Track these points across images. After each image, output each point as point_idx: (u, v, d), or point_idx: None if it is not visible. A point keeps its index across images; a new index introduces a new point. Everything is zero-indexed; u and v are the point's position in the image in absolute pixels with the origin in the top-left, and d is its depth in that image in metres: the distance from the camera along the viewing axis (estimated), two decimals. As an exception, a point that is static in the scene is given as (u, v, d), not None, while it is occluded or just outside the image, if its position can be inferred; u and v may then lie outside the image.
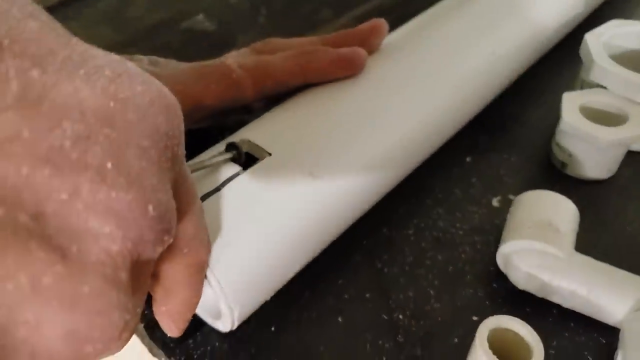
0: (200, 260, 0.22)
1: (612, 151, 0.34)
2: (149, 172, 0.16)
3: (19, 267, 0.13)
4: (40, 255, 0.13)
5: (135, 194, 0.15)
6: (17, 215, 0.13)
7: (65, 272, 0.14)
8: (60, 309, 0.14)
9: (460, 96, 0.35)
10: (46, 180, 0.14)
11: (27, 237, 0.13)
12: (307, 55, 0.32)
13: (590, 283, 0.27)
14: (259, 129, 0.29)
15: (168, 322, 0.23)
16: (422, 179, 0.35)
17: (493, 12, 0.39)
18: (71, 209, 0.14)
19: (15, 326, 0.13)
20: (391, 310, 0.29)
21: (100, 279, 0.15)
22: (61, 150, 0.14)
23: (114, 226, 0.15)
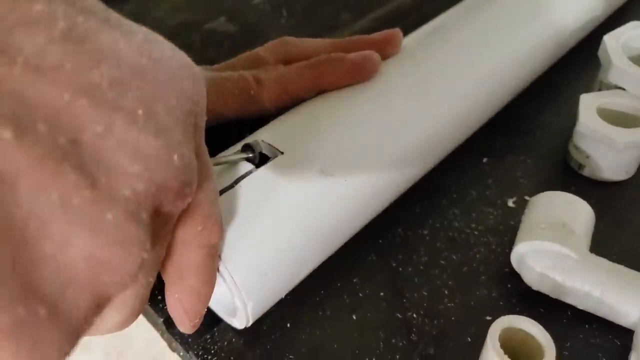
0: (212, 242, 0.22)
1: (630, 153, 0.33)
2: (174, 128, 0.17)
3: (52, 183, 0.14)
4: (72, 177, 0.14)
5: (163, 141, 0.16)
6: (56, 135, 0.14)
7: (92, 198, 0.15)
8: (85, 231, 0.14)
9: (477, 97, 0.35)
10: (84, 111, 0.15)
11: (63, 157, 0.14)
12: (321, 66, 0.33)
13: (604, 284, 0.27)
14: (274, 129, 0.30)
15: (180, 313, 0.23)
16: (438, 179, 0.35)
17: (510, 14, 0.39)
18: (104, 143, 0.15)
19: (43, 240, 0.14)
20: (405, 309, 0.29)
21: (123, 212, 0.15)
22: (98, 87, 0.15)
23: (142, 167, 0.16)
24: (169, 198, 0.17)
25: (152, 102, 0.16)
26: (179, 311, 0.23)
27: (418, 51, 0.36)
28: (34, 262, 0.14)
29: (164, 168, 0.17)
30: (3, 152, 0.13)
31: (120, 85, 0.16)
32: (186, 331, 0.24)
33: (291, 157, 0.28)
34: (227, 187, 0.26)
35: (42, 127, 0.14)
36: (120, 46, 0.16)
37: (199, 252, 0.22)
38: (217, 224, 0.22)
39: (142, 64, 0.17)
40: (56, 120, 0.14)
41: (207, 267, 0.22)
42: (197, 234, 0.21)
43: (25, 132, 0.13)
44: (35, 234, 0.14)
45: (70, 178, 0.14)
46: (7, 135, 0.13)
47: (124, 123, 0.15)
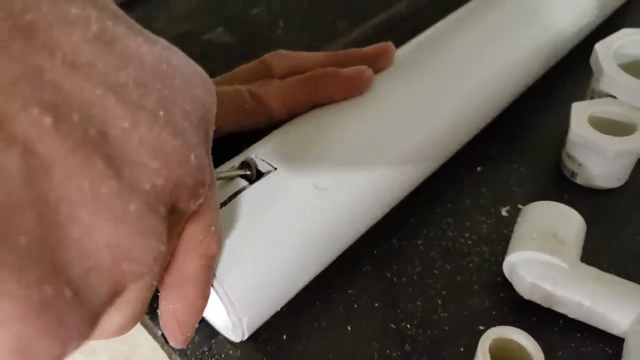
0: (211, 253, 0.22)
1: (621, 161, 0.34)
2: (190, 131, 0.18)
3: (83, 171, 0.15)
4: (101, 166, 0.15)
5: (180, 141, 0.17)
6: (88, 127, 0.15)
7: (118, 189, 0.15)
8: (110, 219, 0.15)
9: (470, 107, 0.36)
10: (113, 107, 0.16)
11: (93, 148, 0.15)
12: (315, 81, 0.33)
13: (594, 294, 0.27)
14: (267, 145, 0.30)
15: (173, 326, 0.23)
16: (433, 188, 0.36)
17: (504, 23, 0.40)
18: (129, 139, 0.16)
19: (72, 225, 0.15)
20: (399, 320, 0.29)
21: (144, 204, 0.16)
22: (125, 87, 0.16)
23: (161, 163, 0.17)
24: (184, 196, 0.18)
25: (170, 105, 0.18)
26: (172, 324, 0.24)
27: (411, 63, 0.36)
28: (62, 246, 0.14)
29: (182, 166, 0.18)
30: (43, 137, 0.14)
31: (144, 87, 0.17)
32: (177, 345, 0.25)
33: (285, 172, 0.29)
34: (222, 204, 0.27)
35: (76, 118, 0.15)
36: (143, 51, 0.17)
37: (198, 261, 0.22)
38: (217, 236, 0.23)
39: (162, 69, 0.18)
40: (88, 112, 0.15)
41: (204, 278, 0.23)
42: (198, 243, 0.22)
43: (62, 120, 0.14)
44: (65, 218, 0.14)
45: (99, 168, 0.15)
46: (48, 122, 0.14)
47: (147, 122, 0.16)
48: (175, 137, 0.17)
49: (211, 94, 0.20)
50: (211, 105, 0.20)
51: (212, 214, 0.22)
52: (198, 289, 0.23)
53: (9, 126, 0.14)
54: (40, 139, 0.14)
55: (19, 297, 0.13)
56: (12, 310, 0.13)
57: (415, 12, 0.53)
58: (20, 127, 0.14)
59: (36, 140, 0.14)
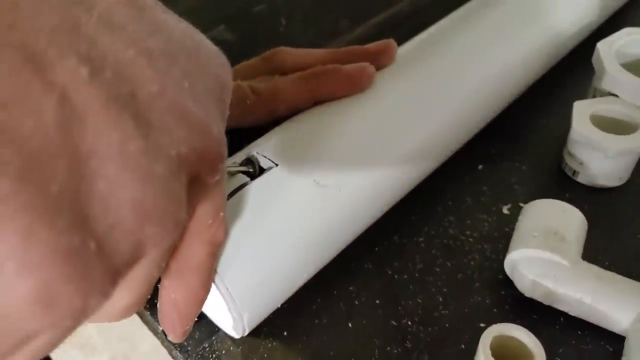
0: (218, 240, 0.22)
1: (623, 159, 0.34)
2: (211, 106, 0.18)
3: (114, 126, 0.15)
4: (130, 124, 0.15)
5: (205, 114, 0.18)
6: (120, 85, 0.15)
7: (145, 148, 0.16)
8: (136, 178, 0.15)
9: (472, 105, 0.36)
10: (143, 70, 0.16)
11: (123, 106, 0.15)
12: (316, 78, 0.33)
13: (595, 292, 0.27)
14: (268, 141, 0.30)
15: (173, 317, 0.23)
16: (434, 186, 0.36)
17: (506, 21, 0.40)
18: (157, 103, 0.16)
19: (99, 178, 0.15)
20: (400, 317, 0.29)
21: (168, 169, 0.16)
22: (153, 53, 0.16)
23: (186, 132, 0.17)
24: (205, 168, 0.18)
25: (194, 79, 0.18)
26: (173, 315, 0.24)
27: (413, 60, 0.36)
28: (89, 198, 0.14)
29: (205, 137, 0.18)
30: (79, 88, 0.14)
31: (171, 57, 0.17)
32: (176, 339, 0.25)
33: (286, 169, 0.29)
34: None
35: (109, 74, 0.15)
36: (171, 23, 0.18)
37: (204, 248, 0.22)
38: (224, 223, 0.23)
39: (187, 44, 0.18)
40: (120, 71, 0.15)
41: (208, 268, 0.23)
42: (206, 228, 0.21)
43: (97, 74, 0.15)
44: (93, 170, 0.14)
45: (128, 126, 0.15)
46: (84, 73, 0.14)
47: (174, 89, 0.17)
48: (199, 109, 0.18)
49: (229, 76, 0.20)
50: (229, 87, 0.20)
51: (222, 199, 0.22)
52: (201, 278, 0.23)
53: (50, 72, 0.14)
54: (77, 89, 0.14)
55: (49, 243, 0.13)
56: (41, 255, 0.13)
57: (418, 11, 0.53)
58: (59, 74, 0.14)
59: (73, 90, 0.14)
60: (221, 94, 0.19)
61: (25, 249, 0.13)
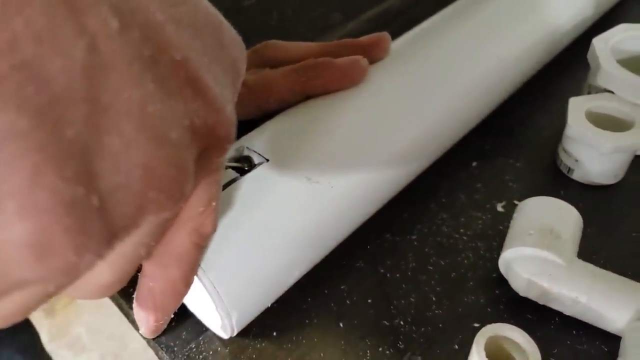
0: (205, 231, 0.22)
1: (618, 157, 0.33)
2: (226, 87, 0.18)
3: (136, 85, 0.15)
4: (150, 86, 0.15)
5: (220, 92, 0.18)
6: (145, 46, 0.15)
7: (162, 112, 0.15)
8: (150, 141, 0.15)
9: (466, 102, 0.35)
10: (169, 35, 0.16)
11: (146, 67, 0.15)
12: (308, 71, 0.32)
13: (591, 291, 0.27)
14: (259, 136, 0.30)
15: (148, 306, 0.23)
16: (427, 183, 0.35)
17: (500, 17, 0.39)
18: (177, 72, 0.16)
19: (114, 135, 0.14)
20: (392, 316, 0.29)
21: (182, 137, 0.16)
22: (180, 22, 0.16)
23: (201, 105, 0.17)
24: (213, 145, 0.18)
25: (214, 56, 0.18)
26: (147, 304, 0.23)
27: (407, 55, 0.35)
28: (101, 152, 0.14)
29: (218, 114, 0.17)
30: (108, 38, 0.14)
31: (195, 30, 0.17)
32: (147, 333, 0.24)
33: (277, 164, 0.28)
34: None
35: (136, 33, 0.15)
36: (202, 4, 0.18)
37: (190, 236, 0.21)
38: (215, 215, 0.22)
39: (212, 21, 0.18)
40: (148, 32, 0.15)
41: (191, 258, 0.22)
42: (196, 215, 0.21)
43: (126, 29, 0.14)
44: (110, 124, 0.14)
45: (149, 87, 0.15)
46: (115, 25, 0.14)
47: (195, 61, 0.17)
48: (215, 87, 0.17)
49: (244, 63, 0.20)
50: (242, 74, 0.20)
51: (217, 189, 0.21)
52: (182, 270, 0.22)
53: (82, 17, 0.13)
54: (106, 39, 0.14)
55: (53, 189, 0.13)
56: (44, 200, 0.13)
57: (411, 5, 0.53)
58: (91, 20, 0.13)
59: (102, 39, 0.14)
60: (235, 79, 0.19)
61: (29, 191, 0.13)
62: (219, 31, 0.18)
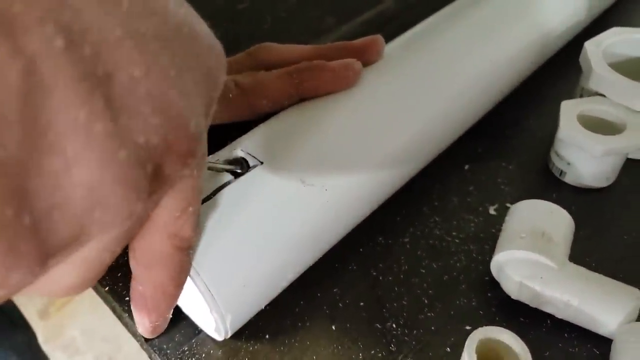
0: (184, 234, 0.21)
1: (610, 160, 0.33)
2: (197, 99, 0.18)
3: (82, 104, 0.14)
4: (100, 105, 0.15)
5: (185, 106, 0.17)
6: (96, 63, 0.15)
7: (112, 131, 0.15)
8: (96, 160, 0.15)
9: (458, 105, 0.35)
10: (128, 51, 0.15)
11: (97, 85, 0.15)
12: (302, 73, 0.32)
13: (582, 294, 0.27)
14: (253, 138, 0.30)
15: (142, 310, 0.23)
16: (420, 186, 0.35)
17: (493, 20, 0.39)
18: (135, 87, 0.16)
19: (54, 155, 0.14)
20: (385, 319, 0.29)
21: (133, 155, 0.16)
22: (144, 36, 0.16)
23: (161, 121, 0.16)
24: (172, 161, 0.18)
25: (183, 67, 0.17)
26: (141, 308, 0.23)
27: (400, 58, 0.35)
28: (37, 173, 0.14)
29: (180, 130, 0.17)
30: (51, 58, 0.14)
31: (162, 42, 0.16)
32: (146, 334, 0.24)
33: (271, 167, 0.28)
34: (206, 198, 0.26)
35: (87, 51, 0.14)
36: (170, 8, 0.17)
37: (169, 240, 0.21)
38: (193, 218, 0.22)
39: (183, 32, 0.17)
40: (101, 49, 0.15)
41: (175, 262, 0.22)
42: (172, 220, 0.21)
43: (74, 48, 0.14)
44: (49, 145, 0.14)
45: (98, 105, 0.15)
46: (59, 44, 0.14)
47: (157, 76, 0.16)
48: (181, 100, 0.17)
49: (222, 72, 0.20)
50: (219, 83, 0.20)
51: (194, 194, 0.21)
52: (168, 272, 0.22)
53: (20, 38, 0.13)
54: (47, 59, 0.14)
55: None
56: None
57: (404, 9, 0.53)
58: (31, 41, 0.13)
59: (43, 59, 0.13)
60: (210, 89, 0.19)
61: None
62: (193, 40, 0.18)
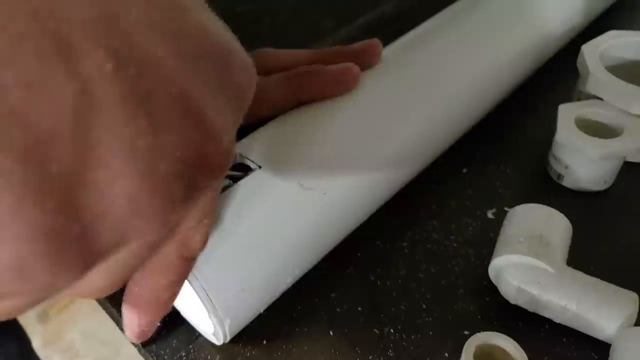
0: (193, 245, 0.22)
1: (607, 163, 0.33)
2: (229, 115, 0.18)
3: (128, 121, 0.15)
4: (143, 121, 0.15)
5: (221, 121, 0.18)
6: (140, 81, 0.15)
7: (153, 146, 0.16)
8: (138, 173, 0.15)
9: (456, 108, 0.35)
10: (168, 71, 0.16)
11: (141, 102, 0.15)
12: (300, 78, 0.32)
13: (580, 298, 0.27)
14: (251, 142, 0.30)
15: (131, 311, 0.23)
16: (418, 190, 0.35)
17: (491, 24, 0.39)
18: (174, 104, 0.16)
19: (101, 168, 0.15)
20: (382, 324, 0.29)
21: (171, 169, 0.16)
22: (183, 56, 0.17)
23: (198, 136, 0.17)
24: (206, 174, 0.18)
25: (219, 84, 0.18)
26: (132, 309, 0.23)
27: (399, 62, 0.35)
28: (86, 184, 0.15)
29: (214, 144, 0.18)
30: (102, 81, 0.14)
31: (200, 61, 0.17)
32: (133, 338, 0.24)
33: (269, 171, 0.28)
34: None
35: (132, 71, 0.15)
36: (209, 27, 0.18)
37: (177, 249, 0.21)
38: (205, 230, 0.22)
39: (220, 50, 0.18)
40: (144, 68, 0.15)
41: (178, 270, 0.22)
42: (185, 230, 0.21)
43: (121, 69, 0.15)
44: (97, 159, 0.15)
45: (141, 122, 0.15)
46: (109, 68, 0.15)
47: (196, 93, 0.17)
48: (218, 115, 0.17)
49: (252, 88, 0.20)
50: (248, 99, 0.20)
51: (210, 206, 0.21)
52: (167, 280, 0.22)
53: (76, 62, 0.14)
54: (99, 81, 0.14)
55: (34, 220, 0.14)
56: (26, 231, 0.14)
57: (403, 12, 0.53)
58: (85, 65, 0.14)
59: (95, 81, 0.14)
60: (240, 104, 0.20)
61: (10, 222, 0.14)
62: (227, 59, 0.18)
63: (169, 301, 0.23)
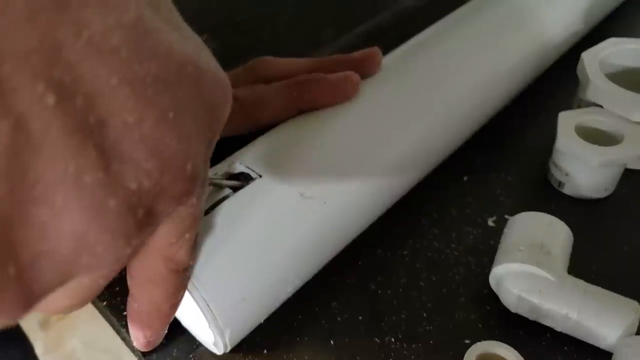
0: (180, 259, 0.22)
1: (607, 171, 0.33)
2: (196, 138, 0.18)
3: (73, 156, 0.14)
4: (92, 155, 0.15)
5: (182, 148, 0.17)
6: (89, 112, 0.15)
7: (103, 181, 0.15)
8: (84, 210, 0.15)
9: (456, 116, 0.35)
10: (123, 99, 0.15)
11: (89, 135, 0.15)
12: (300, 86, 0.32)
13: (581, 307, 0.27)
14: (251, 151, 0.30)
15: (137, 325, 0.23)
16: (418, 198, 0.35)
17: (491, 31, 0.39)
18: (129, 133, 0.16)
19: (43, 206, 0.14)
20: (383, 333, 0.29)
21: (124, 203, 0.16)
22: (143, 81, 0.16)
23: (155, 166, 0.16)
24: (166, 201, 0.18)
25: (184, 107, 0.17)
26: (136, 323, 0.23)
27: (399, 70, 0.35)
28: (25, 223, 0.14)
29: (175, 173, 0.17)
30: (41, 115, 0.14)
31: (163, 84, 0.16)
32: (140, 347, 0.24)
33: (270, 180, 0.28)
34: (204, 212, 0.26)
35: (79, 102, 0.14)
36: (174, 48, 0.17)
37: (165, 264, 0.21)
38: (190, 243, 0.22)
39: (187, 71, 0.17)
40: (94, 99, 0.15)
41: (171, 283, 0.22)
42: (167, 246, 0.21)
43: (65, 101, 0.14)
44: (37, 197, 0.14)
45: (90, 156, 0.15)
46: (50, 101, 0.14)
47: (154, 120, 0.16)
48: (179, 142, 0.17)
49: (226, 106, 0.20)
50: (222, 117, 0.20)
51: (191, 222, 0.21)
52: (163, 293, 0.22)
53: (9, 98, 0.13)
54: (37, 116, 0.14)
55: None
56: None
57: (402, 21, 0.53)
58: (20, 100, 0.13)
59: (32, 117, 0.14)
60: (212, 123, 0.19)
61: None
62: (197, 78, 0.18)
63: (171, 311, 0.23)
